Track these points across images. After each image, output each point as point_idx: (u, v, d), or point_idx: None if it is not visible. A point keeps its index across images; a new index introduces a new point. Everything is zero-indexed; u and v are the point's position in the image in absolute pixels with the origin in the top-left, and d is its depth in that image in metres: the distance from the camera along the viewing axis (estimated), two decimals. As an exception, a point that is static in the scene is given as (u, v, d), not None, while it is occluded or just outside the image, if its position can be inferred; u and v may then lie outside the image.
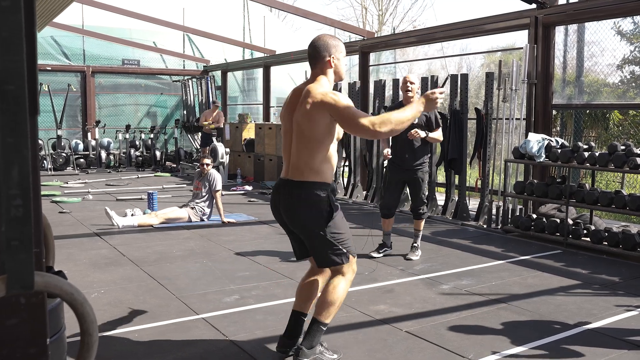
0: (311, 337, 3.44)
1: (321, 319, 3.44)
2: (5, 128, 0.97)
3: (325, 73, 3.44)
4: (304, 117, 3.31)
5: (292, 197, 3.36)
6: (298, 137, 3.37)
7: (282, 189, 3.44)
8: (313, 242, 3.41)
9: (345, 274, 3.48)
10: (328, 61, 3.42)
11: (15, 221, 0.99)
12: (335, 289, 3.44)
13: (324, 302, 3.43)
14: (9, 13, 0.96)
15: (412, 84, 6.05)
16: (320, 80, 3.41)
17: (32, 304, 1.22)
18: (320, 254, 3.43)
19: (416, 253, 6.25)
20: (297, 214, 3.35)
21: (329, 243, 3.37)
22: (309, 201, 3.32)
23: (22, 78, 0.98)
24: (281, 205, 3.43)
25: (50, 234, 2.16)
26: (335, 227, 3.37)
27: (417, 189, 6.21)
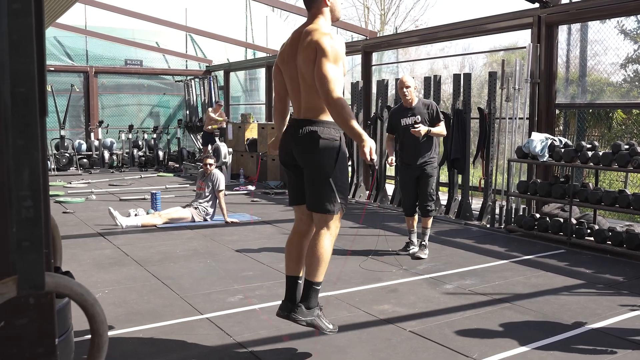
0: (308, 298, 3.45)
1: (313, 279, 3.44)
2: (15, 130, 0.97)
3: (322, 12, 3.41)
4: (305, 63, 3.29)
5: (307, 131, 3.37)
6: (304, 82, 3.36)
7: (296, 127, 3.44)
8: (315, 181, 3.41)
9: (330, 227, 3.47)
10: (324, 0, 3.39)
11: (26, 222, 1.00)
12: (320, 245, 3.42)
13: (312, 261, 3.43)
14: (19, 16, 0.96)
15: (408, 87, 6.10)
16: (318, 21, 3.37)
17: (41, 304, 1.23)
18: (317, 197, 3.43)
19: (424, 251, 6.26)
20: (311, 148, 3.36)
21: (329, 187, 3.38)
22: (322, 137, 3.34)
23: (33, 81, 0.98)
24: (294, 142, 3.43)
25: (57, 235, 2.17)
26: (340, 174, 3.41)
27: (425, 185, 6.23)
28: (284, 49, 3.52)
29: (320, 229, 3.47)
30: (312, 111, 3.38)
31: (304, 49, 3.30)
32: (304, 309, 3.45)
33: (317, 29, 3.31)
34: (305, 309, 3.45)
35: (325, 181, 3.38)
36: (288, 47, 3.47)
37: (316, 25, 3.34)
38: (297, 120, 3.45)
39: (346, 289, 5.06)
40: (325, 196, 3.41)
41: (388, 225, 8.03)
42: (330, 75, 3.19)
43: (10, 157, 0.97)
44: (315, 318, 3.50)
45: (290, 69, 3.45)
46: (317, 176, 3.41)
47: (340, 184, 3.44)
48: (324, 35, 3.25)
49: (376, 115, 10.02)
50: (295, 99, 3.50)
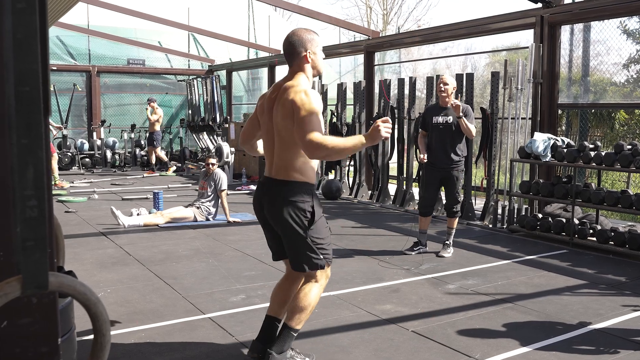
0: (281, 343, 3.38)
1: (291, 324, 3.37)
2: (20, 129, 0.97)
3: (303, 69, 3.35)
4: (282, 119, 3.24)
5: (276, 195, 3.30)
6: (279, 137, 3.30)
7: (266, 187, 3.38)
8: (292, 243, 3.33)
9: (319, 280, 3.42)
10: (304, 56, 3.33)
11: (30, 222, 1.00)
12: (307, 295, 3.37)
13: (295, 307, 3.37)
14: (24, 14, 0.96)
15: (446, 84, 6.12)
16: (298, 77, 3.32)
17: (44, 304, 1.22)
18: (297, 257, 3.36)
19: (448, 250, 6.32)
20: (281, 212, 3.27)
21: (307, 246, 3.30)
22: (293, 200, 3.26)
23: (37, 79, 0.98)
24: (265, 203, 3.37)
25: (60, 234, 2.17)
26: (317, 231, 3.31)
27: (452, 187, 6.24)
28: (263, 101, 3.46)
29: (308, 281, 3.43)
30: (283, 170, 3.30)
31: (281, 106, 3.24)
32: (276, 356, 3.36)
33: (294, 86, 3.25)
34: (277, 354, 3.36)
35: (303, 242, 3.30)
36: (268, 99, 3.41)
37: (295, 82, 3.29)
38: (269, 180, 3.38)
39: (348, 289, 5.06)
40: (306, 257, 3.33)
41: (390, 225, 8.03)
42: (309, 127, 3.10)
43: (15, 156, 0.97)
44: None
45: (267, 122, 3.39)
46: (292, 240, 3.32)
47: (320, 241, 3.34)
48: (299, 92, 3.19)
49: (378, 115, 10.01)
50: (269, 155, 3.42)
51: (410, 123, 9.44)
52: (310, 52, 3.33)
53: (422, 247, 6.40)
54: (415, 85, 9.74)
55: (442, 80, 6.19)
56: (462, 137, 6.19)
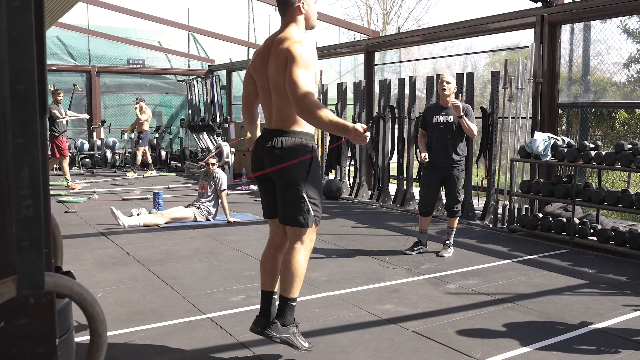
0: (283, 315, 3.37)
1: (287, 294, 3.36)
2: (15, 128, 0.96)
3: (296, 20, 3.31)
4: (277, 72, 3.19)
5: (277, 143, 3.28)
6: (276, 91, 3.26)
7: (267, 138, 3.35)
8: (286, 194, 3.31)
9: (304, 242, 3.37)
10: (298, 7, 3.29)
11: (25, 221, 0.99)
12: (294, 260, 3.33)
13: (286, 277, 3.34)
14: (19, 13, 0.96)
15: (448, 83, 6.14)
16: (290, 28, 3.28)
17: (41, 304, 1.22)
18: (288, 210, 3.32)
19: (448, 250, 6.32)
20: (281, 160, 3.26)
21: (301, 199, 3.28)
22: (294, 148, 3.25)
23: (33, 78, 0.97)
24: (265, 153, 3.34)
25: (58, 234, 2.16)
26: (312, 186, 3.31)
27: (452, 187, 6.24)
28: (256, 57, 3.42)
29: (293, 243, 3.37)
30: (283, 121, 3.29)
31: (275, 57, 3.21)
32: (279, 326, 3.36)
33: (289, 37, 3.21)
34: (281, 326, 3.36)
35: (297, 193, 3.28)
36: (260, 55, 3.37)
37: (288, 34, 3.25)
38: (268, 131, 3.36)
39: (349, 289, 5.05)
40: (297, 209, 3.30)
41: (390, 224, 8.02)
42: (301, 81, 3.08)
43: (10, 155, 0.97)
44: (291, 335, 3.41)
45: (262, 77, 3.36)
46: (288, 188, 3.30)
47: (313, 196, 3.33)
48: (294, 43, 3.15)
49: (379, 115, 10.01)
50: (267, 109, 3.40)
51: (411, 123, 9.43)
52: (304, 2, 3.29)
53: (422, 247, 6.39)
54: (416, 85, 9.73)
55: (444, 79, 6.19)
56: (462, 137, 6.19)
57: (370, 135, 3.19)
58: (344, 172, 10.96)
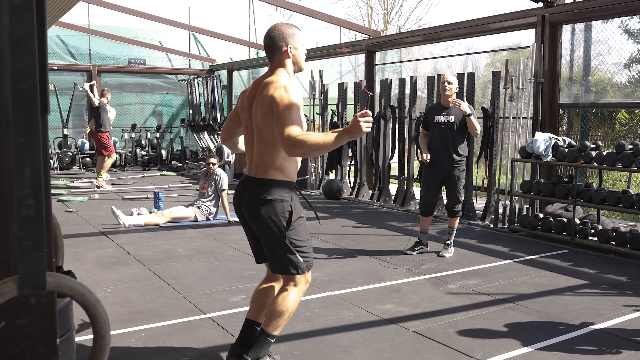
0: (258, 348, 3.31)
1: (268, 330, 3.30)
2: (17, 127, 0.96)
3: (284, 65, 3.26)
4: (261, 116, 3.16)
5: (254, 194, 3.22)
6: (258, 134, 3.22)
7: (245, 186, 3.31)
8: (271, 244, 3.25)
9: (298, 284, 3.31)
10: (285, 51, 3.24)
11: (27, 221, 0.99)
12: (285, 299, 3.28)
13: (273, 313, 3.28)
14: (21, 12, 0.95)
15: (450, 83, 6.14)
16: (278, 73, 3.23)
17: (42, 304, 1.22)
18: (276, 259, 3.28)
19: (449, 250, 6.32)
20: (259, 212, 3.19)
21: (286, 248, 3.21)
22: (271, 199, 3.18)
23: (34, 77, 0.97)
24: (243, 203, 3.29)
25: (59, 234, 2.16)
26: (296, 233, 3.22)
27: (453, 187, 6.24)
28: (243, 97, 3.39)
29: (286, 285, 3.33)
30: (262, 168, 3.22)
31: (260, 103, 3.17)
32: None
33: (273, 82, 3.16)
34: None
35: (282, 244, 3.21)
36: (248, 96, 3.34)
37: (275, 78, 3.20)
38: (247, 178, 3.31)
39: (349, 289, 5.05)
40: (285, 259, 3.24)
41: (390, 224, 8.02)
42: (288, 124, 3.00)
43: (12, 154, 0.96)
44: None
45: (247, 119, 3.32)
46: (271, 241, 3.24)
47: (300, 243, 3.25)
48: (278, 88, 3.10)
49: (379, 114, 10.00)
50: (248, 152, 3.35)
51: (411, 123, 9.42)
52: (292, 47, 3.24)
53: (423, 247, 6.39)
54: (416, 85, 9.72)
55: (445, 79, 6.18)
56: (463, 137, 6.18)
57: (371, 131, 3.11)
58: (345, 172, 10.95)
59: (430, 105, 6.76)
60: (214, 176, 8.14)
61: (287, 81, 3.19)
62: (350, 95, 11.23)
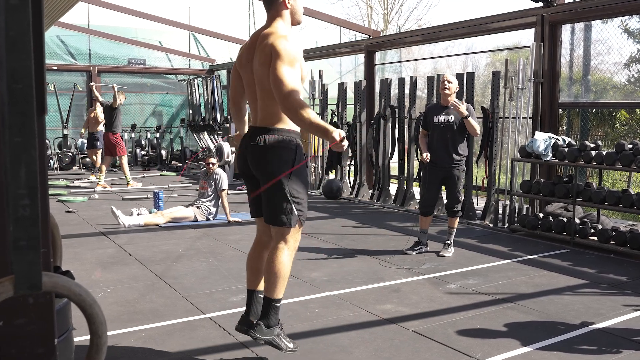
0: (267, 316, 3.34)
1: (271, 295, 3.32)
2: (13, 127, 0.96)
3: (281, 15, 3.26)
4: (262, 67, 3.15)
5: (260, 141, 3.24)
6: (261, 87, 3.22)
7: (252, 135, 3.31)
8: (270, 192, 3.27)
9: (288, 242, 3.32)
10: (283, 1, 3.25)
11: (22, 221, 0.99)
12: (278, 260, 3.29)
13: (269, 277, 3.30)
14: (16, 12, 0.95)
15: (450, 83, 6.14)
16: (275, 23, 3.23)
17: (40, 304, 1.21)
18: (272, 209, 3.29)
19: (449, 250, 6.32)
20: (264, 157, 3.22)
21: (284, 197, 3.24)
22: (277, 146, 3.21)
23: (30, 77, 0.97)
24: (248, 151, 3.31)
25: (57, 234, 2.16)
26: (296, 185, 3.27)
27: (453, 187, 6.24)
28: (242, 52, 3.38)
29: (277, 243, 3.33)
30: (268, 118, 3.25)
31: (259, 53, 3.17)
32: (263, 327, 3.33)
33: (274, 32, 3.16)
34: (265, 327, 3.33)
35: (280, 192, 3.24)
36: (246, 50, 3.34)
37: (273, 29, 3.20)
38: (253, 129, 3.33)
39: (349, 289, 5.04)
40: (280, 208, 3.26)
41: (390, 224, 8.01)
42: (286, 78, 3.03)
43: (7, 154, 0.96)
44: (275, 337, 3.38)
45: (248, 73, 3.32)
46: (271, 188, 3.26)
47: (297, 195, 3.29)
48: (279, 38, 3.11)
49: (379, 114, 10.00)
50: (252, 106, 3.37)
51: (411, 122, 9.42)
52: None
53: (422, 247, 6.39)
54: (416, 85, 9.72)
55: (445, 79, 6.18)
56: (463, 136, 6.18)
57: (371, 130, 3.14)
58: (345, 171, 10.95)
59: (430, 105, 6.76)
60: (214, 176, 8.14)
61: (287, 32, 3.21)
62: (350, 95, 11.23)
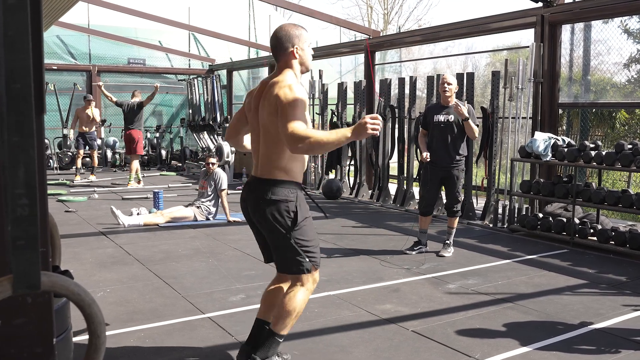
0: (266, 348, 3.32)
1: (276, 330, 3.31)
2: (11, 127, 0.96)
3: (290, 65, 3.27)
4: (267, 115, 3.16)
5: (260, 194, 3.23)
6: (264, 134, 3.23)
7: (251, 187, 3.32)
8: (277, 244, 3.27)
9: (305, 284, 3.32)
10: (292, 52, 3.25)
11: (21, 220, 0.99)
12: (292, 299, 3.28)
13: (280, 312, 3.29)
14: (15, 11, 0.95)
15: (450, 84, 6.13)
16: (284, 73, 3.24)
17: (39, 304, 1.21)
18: (282, 259, 3.30)
19: (448, 250, 6.32)
20: (264, 212, 3.21)
21: (292, 249, 3.22)
22: (276, 200, 3.19)
23: (28, 76, 0.97)
24: (249, 203, 3.32)
25: (56, 233, 2.16)
26: (302, 233, 3.23)
27: (452, 187, 6.24)
28: (251, 98, 3.39)
29: (294, 284, 3.34)
30: (268, 168, 3.23)
31: (266, 101, 3.17)
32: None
33: (280, 82, 3.17)
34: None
35: (287, 244, 3.22)
36: (254, 96, 3.34)
37: (280, 78, 3.21)
38: (254, 178, 3.33)
39: (348, 289, 5.05)
40: (291, 259, 3.25)
41: (390, 224, 8.02)
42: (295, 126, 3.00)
43: (6, 154, 0.96)
44: None
45: (253, 119, 3.33)
46: (277, 240, 3.26)
47: (306, 242, 3.26)
48: (283, 87, 3.12)
49: (379, 114, 9.99)
50: (255, 153, 3.36)
51: (411, 122, 9.42)
52: (298, 47, 3.25)
53: (422, 247, 6.39)
54: (416, 85, 9.72)
55: (445, 79, 6.17)
56: (463, 136, 6.18)
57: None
58: (344, 171, 10.95)
59: (429, 104, 6.76)
60: (214, 176, 8.13)
61: (292, 81, 3.20)
62: (350, 95, 11.22)
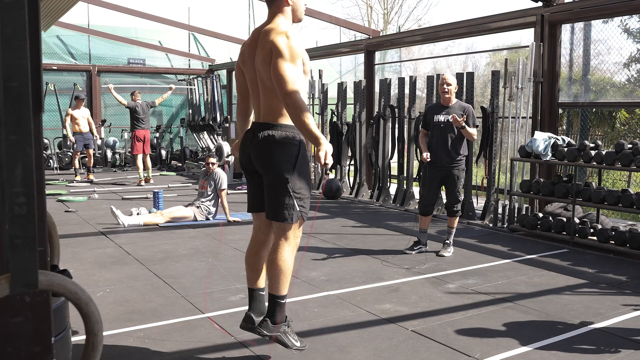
0: (273, 313, 3.34)
1: (275, 292, 3.31)
2: (8, 125, 0.96)
3: (283, 11, 3.25)
4: (263, 65, 3.14)
5: (264, 137, 3.23)
6: (263, 84, 3.22)
7: (255, 131, 3.31)
8: (273, 188, 3.27)
9: (289, 238, 3.31)
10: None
11: (18, 219, 0.99)
12: (280, 257, 3.28)
13: (272, 274, 3.29)
14: (12, 10, 0.95)
15: (449, 85, 6.14)
16: (277, 19, 3.22)
17: (37, 303, 1.21)
18: (274, 205, 3.28)
19: (448, 250, 6.32)
20: (268, 153, 3.22)
21: (287, 194, 3.23)
22: (281, 141, 3.20)
23: (26, 75, 0.97)
24: (251, 147, 3.30)
25: (54, 233, 2.16)
26: (299, 181, 3.26)
27: (452, 186, 6.24)
28: (244, 49, 3.37)
29: (278, 240, 3.32)
30: (270, 114, 3.24)
31: (261, 50, 3.16)
32: (270, 324, 3.32)
33: (274, 29, 3.15)
34: (271, 324, 3.32)
35: (283, 187, 3.23)
36: (247, 47, 3.32)
37: (273, 25, 3.19)
38: (256, 124, 3.32)
39: (348, 288, 5.04)
40: (282, 204, 3.25)
41: (390, 224, 8.02)
42: (287, 75, 3.03)
43: (3, 152, 0.96)
44: (281, 334, 3.37)
45: (250, 70, 3.31)
46: (274, 182, 3.26)
47: (299, 191, 3.27)
48: (279, 34, 3.10)
49: (379, 114, 10.00)
50: (255, 102, 3.36)
51: (411, 122, 9.42)
52: None
53: (422, 247, 6.39)
54: (416, 85, 9.72)
55: (445, 80, 6.17)
56: (463, 136, 6.18)
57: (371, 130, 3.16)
58: (344, 171, 10.95)
59: (429, 104, 6.76)
60: (214, 176, 8.13)
61: (288, 28, 3.19)
62: (350, 94, 11.23)
